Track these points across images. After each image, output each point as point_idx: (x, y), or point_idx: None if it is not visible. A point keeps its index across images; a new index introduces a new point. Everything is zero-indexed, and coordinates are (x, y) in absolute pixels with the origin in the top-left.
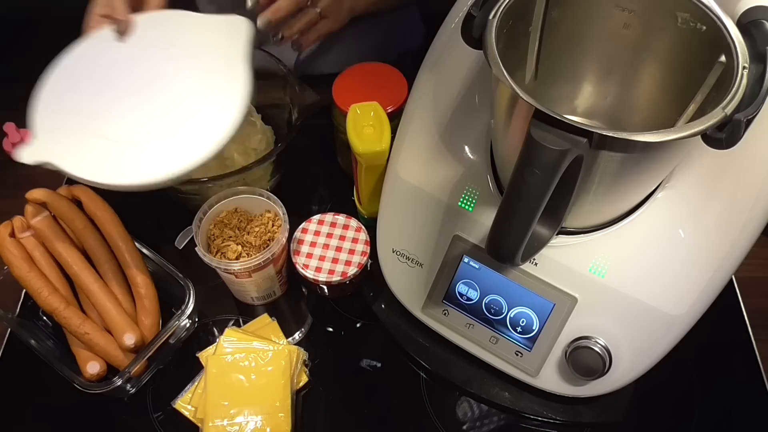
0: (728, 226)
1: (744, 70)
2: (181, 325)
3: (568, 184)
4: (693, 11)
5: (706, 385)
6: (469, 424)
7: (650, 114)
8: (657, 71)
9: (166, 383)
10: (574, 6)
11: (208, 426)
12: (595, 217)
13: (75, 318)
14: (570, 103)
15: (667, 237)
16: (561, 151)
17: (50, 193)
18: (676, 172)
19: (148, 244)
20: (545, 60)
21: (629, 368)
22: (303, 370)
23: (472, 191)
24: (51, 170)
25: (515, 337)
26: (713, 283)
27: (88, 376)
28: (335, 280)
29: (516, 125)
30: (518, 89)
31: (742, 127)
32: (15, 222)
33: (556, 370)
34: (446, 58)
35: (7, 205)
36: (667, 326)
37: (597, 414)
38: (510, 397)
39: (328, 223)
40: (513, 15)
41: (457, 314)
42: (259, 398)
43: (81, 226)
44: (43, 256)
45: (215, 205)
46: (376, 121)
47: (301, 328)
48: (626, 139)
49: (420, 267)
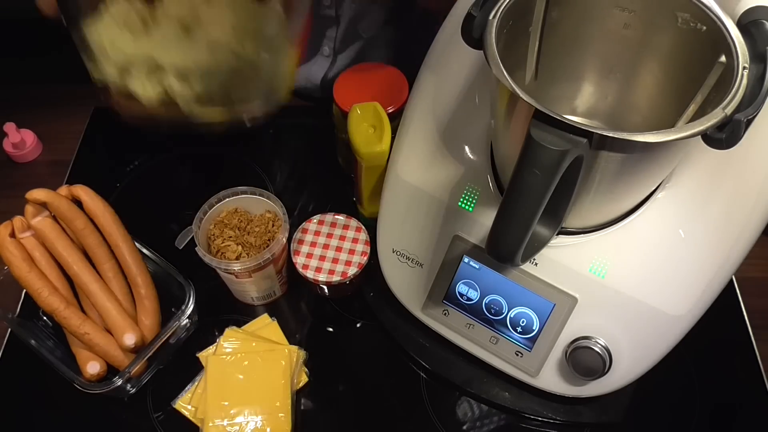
0: (728, 226)
1: (744, 70)
2: (181, 325)
3: (568, 184)
4: (693, 11)
5: (706, 385)
6: (469, 424)
7: (650, 114)
8: (657, 71)
9: (166, 383)
10: (574, 6)
11: (208, 426)
12: (595, 217)
13: (75, 318)
14: (570, 103)
15: (667, 237)
16: (561, 151)
17: (50, 193)
18: (676, 172)
19: (148, 244)
20: (545, 60)
21: (629, 368)
22: (303, 370)
23: (472, 191)
24: (51, 170)
25: (515, 337)
26: (714, 283)
27: (88, 376)
28: (335, 280)
29: (516, 125)
30: (518, 89)
31: (742, 128)
32: (15, 222)
33: (557, 370)
34: (446, 58)
35: (7, 205)
36: (667, 326)
37: (597, 414)
38: (510, 397)
39: (328, 223)
40: (513, 15)
41: (457, 314)
42: (259, 398)
43: (81, 226)
44: (43, 256)
45: (215, 205)
46: (377, 121)
47: (301, 328)
48: (626, 139)
49: (420, 267)
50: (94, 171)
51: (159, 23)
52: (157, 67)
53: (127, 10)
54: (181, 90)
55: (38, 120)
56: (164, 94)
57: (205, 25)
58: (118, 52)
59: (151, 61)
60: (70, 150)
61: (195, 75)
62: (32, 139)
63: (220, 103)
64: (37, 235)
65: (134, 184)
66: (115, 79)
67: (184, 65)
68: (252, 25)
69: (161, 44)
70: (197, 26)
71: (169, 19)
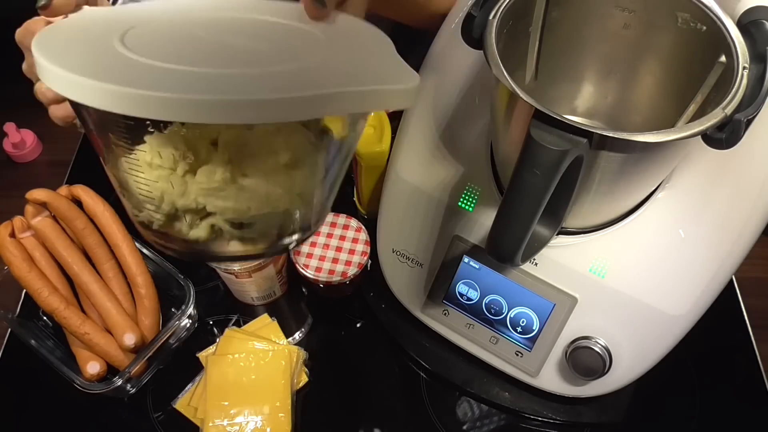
0: (728, 226)
1: (744, 70)
2: (181, 325)
3: (568, 184)
4: (693, 11)
5: (706, 385)
6: (469, 424)
7: (650, 114)
8: (657, 71)
9: (166, 383)
10: (574, 6)
11: (208, 426)
12: (595, 217)
13: (75, 318)
14: (570, 103)
15: (667, 237)
16: (561, 151)
17: (50, 193)
18: (676, 172)
19: (148, 244)
20: (545, 60)
21: (629, 368)
22: (303, 370)
23: (472, 191)
24: (51, 170)
25: (515, 337)
26: (713, 283)
27: (88, 376)
28: (335, 280)
29: (516, 125)
30: (518, 89)
31: (742, 127)
32: (15, 222)
33: (557, 370)
34: (446, 58)
35: (7, 205)
36: (667, 326)
37: (597, 414)
38: (510, 397)
39: (328, 223)
40: (513, 15)
41: (457, 314)
42: (259, 398)
43: (81, 226)
44: (43, 257)
45: None
46: (377, 121)
47: (301, 328)
48: (626, 139)
49: (420, 267)
50: (94, 171)
51: (213, 173)
52: (208, 212)
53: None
54: (231, 231)
55: (38, 120)
56: (212, 234)
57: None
58: (170, 205)
59: (203, 207)
60: (70, 150)
61: (248, 218)
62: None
63: (267, 240)
64: (37, 235)
65: None
66: (161, 223)
67: (238, 210)
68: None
69: (214, 192)
70: (256, 176)
71: (224, 167)
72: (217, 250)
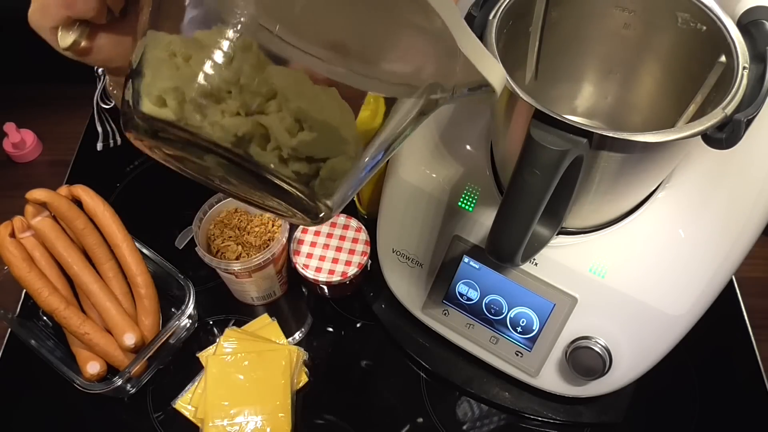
0: (728, 226)
1: (744, 70)
2: (181, 325)
3: (568, 184)
4: (693, 11)
5: (706, 385)
6: (469, 424)
7: (650, 114)
8: (657, 71)
9: (166, 383)
10: (574, 6)
11: (208, 426)
12: (595, 217)
13: (75, 318)
14: (570, 103)
15: (667, 237)
16: (561, 151)
17: (50, 193)
18: (676, 172)
19: (148, 244)
20: (545, 60)
21: (629, 368)
22: (303, 370)
23: (472, 191)
24: (51, 170)
25: (515, 337)
26: (713, 283)
27: (88, 376)
28: (335, 280)
29: (516, 125)
30: (518, 89)
31: (742, 127)
32: (15, 222)
33: (557, 370)
34: None
35: (7, 205)
36: (667, 326)
37: (597, 414)
38: (510, 397)
39: (328, 223)
40: (513, 15)
41: (457, 314)
42: (259, 398)
43: (81, 226)
44: (43, 257)
45: (215, 205)
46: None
47: (301, 328)
48: (626, 139)
49: (420, 267)
50: (94, 171)
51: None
52: (267, 97)
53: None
54: (283, 135)
55: (38, 120)
56: (256, 130)
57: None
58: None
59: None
60: (70, 150)
61: (309, 126)
62: (32, 139)
63: (303, 167)
64: (37, 235)
65: (134, 184)
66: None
67: (303, 110)
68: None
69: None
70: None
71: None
72: (252, 155)
